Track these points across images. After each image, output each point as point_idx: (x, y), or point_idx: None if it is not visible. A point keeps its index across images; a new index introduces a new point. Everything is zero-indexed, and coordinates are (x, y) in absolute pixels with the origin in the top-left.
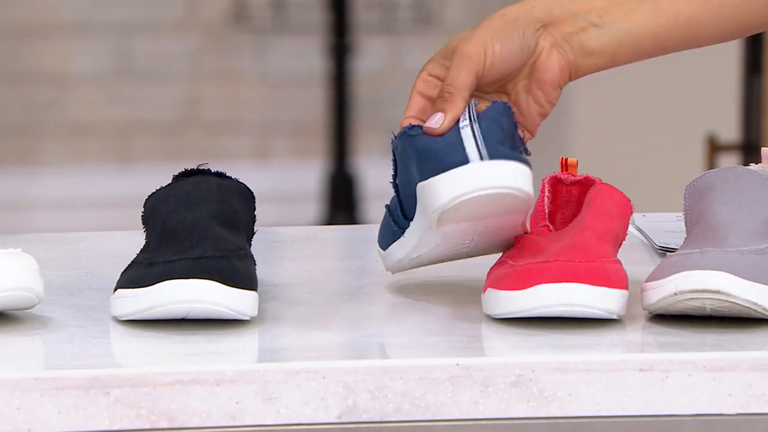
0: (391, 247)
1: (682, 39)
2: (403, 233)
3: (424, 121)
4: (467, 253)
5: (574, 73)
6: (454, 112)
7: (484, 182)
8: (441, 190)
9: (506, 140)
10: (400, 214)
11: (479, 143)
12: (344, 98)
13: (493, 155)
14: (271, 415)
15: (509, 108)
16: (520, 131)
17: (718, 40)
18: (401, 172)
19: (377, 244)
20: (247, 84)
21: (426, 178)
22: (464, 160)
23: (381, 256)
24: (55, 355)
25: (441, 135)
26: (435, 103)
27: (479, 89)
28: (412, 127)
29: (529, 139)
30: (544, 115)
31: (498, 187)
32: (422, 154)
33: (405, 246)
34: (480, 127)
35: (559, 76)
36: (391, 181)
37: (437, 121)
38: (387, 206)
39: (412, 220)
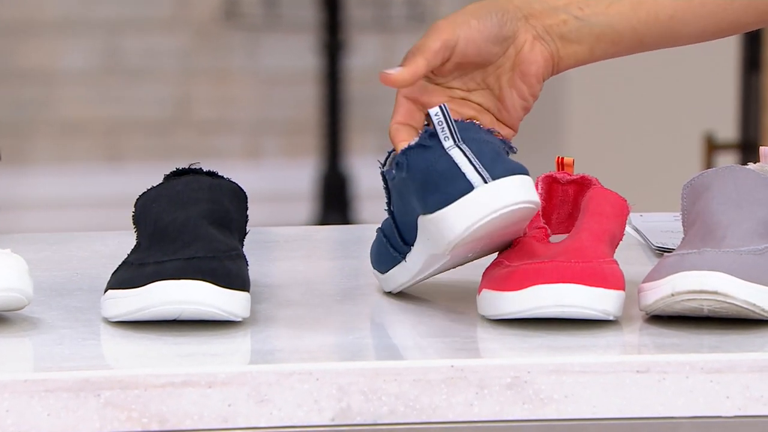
0: (392, 271)
1: (661, 36)
2: (404, 258)
3: (413, 126)
4: (468, 261)
5: (556, 66)
6: (411, 66)
7: (494, 204)
8: (453, 223)
9: (497, 153)
10: (399, 240)
11: (476, 165)
12: (337, 96)
13: (495, 174)
14: (263, 418)
15: (477, 123)
16: (498, 133)
17: (698, 39)
18: (397, 201)
19: (372, 268)
20: (238, 82)
21: (432, 211)
22: (468, 187)
23: (379, 280)
24: (45, 357)
25: (392, 85)
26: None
27: (463, 76)
28: (398, 164)
29: (513, 135)
30: (527, 110)
31: (510, 206)
32: (422, 188)
33: (409, 270)
34: (470, 149)
35: (544, 68)
36: (386, 209)
37: (394, 70)
38: (380, 230)
39: (412, 245)
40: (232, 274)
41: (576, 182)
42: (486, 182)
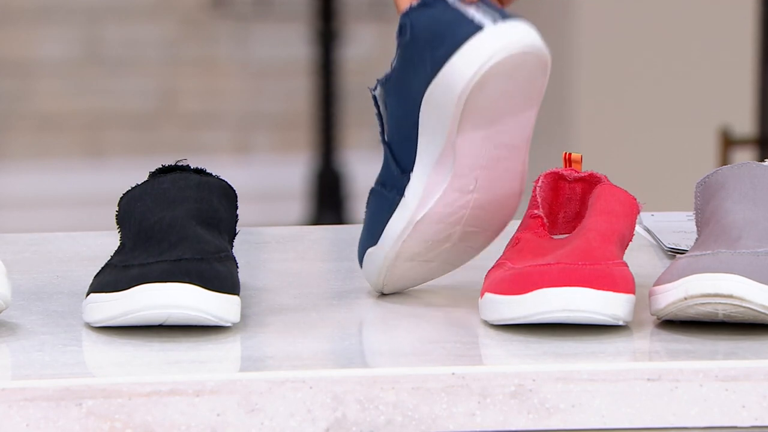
0: (389, 223)
1: None
2: (402, 194)
3: None
4: (468, 217)
5: None
6: None
7: (508, 43)
8: (463, 67)
9: (502, 9)
10: (396, 169)
11: (485, 9)
12: (331, 89)
13: (506, 17)
14: (254, 428)
15: None
16: None
17: None
18: (393, 109)
19: (359, 264)
20: (226, 74)
21: (440, 68)
22: (477, 28)
23: (370, 261)
24: (24, 365)
25: None
26: None
27: None
28: (401, 28)
29: (509, 1)
30: None
31: (522, 46)
32: (429, 45)
33: (408, 207)
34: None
35: None
36: (380, 138)
37: None
38: (373, 190)
39: (411, 171)
40: (221, 277)
41: (584, 180)
42: (495, 23)
